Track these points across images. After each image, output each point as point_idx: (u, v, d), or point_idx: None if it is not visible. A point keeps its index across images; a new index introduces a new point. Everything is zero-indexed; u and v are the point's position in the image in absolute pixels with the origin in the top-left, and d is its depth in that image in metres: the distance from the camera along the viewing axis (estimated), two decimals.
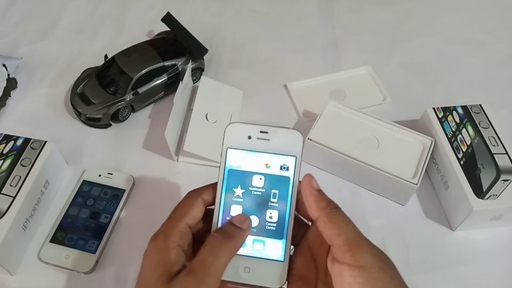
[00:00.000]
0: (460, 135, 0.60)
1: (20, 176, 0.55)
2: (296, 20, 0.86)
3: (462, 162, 0.57)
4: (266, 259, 0.36)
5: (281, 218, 0.36)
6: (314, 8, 0.89)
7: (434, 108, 0.63)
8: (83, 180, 0.60)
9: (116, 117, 0.67)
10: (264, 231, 0.37)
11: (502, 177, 0.56)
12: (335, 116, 0.65)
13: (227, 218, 0.37)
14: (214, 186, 0.38)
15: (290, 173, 0.37)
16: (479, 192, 0.55)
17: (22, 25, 0.84)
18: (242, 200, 0.37)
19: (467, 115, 0.62)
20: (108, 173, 0.61)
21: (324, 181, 0.62)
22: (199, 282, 0.33)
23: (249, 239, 0.36)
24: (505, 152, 0.58)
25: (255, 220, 0.37)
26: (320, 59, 0.79)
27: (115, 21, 0.85)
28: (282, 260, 0.36)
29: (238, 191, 0.37)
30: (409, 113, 0.68)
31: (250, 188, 0.37)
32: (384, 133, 0.63)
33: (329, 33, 0.84)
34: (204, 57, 0.74)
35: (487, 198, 0.54)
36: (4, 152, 0.57)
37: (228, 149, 0.38)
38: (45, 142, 0.58)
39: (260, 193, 0.37)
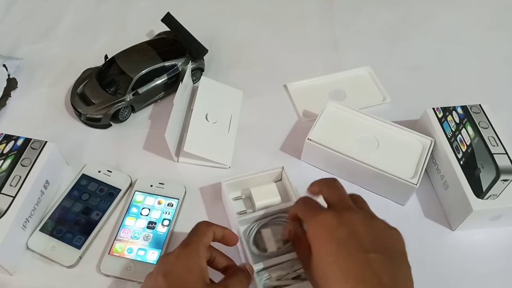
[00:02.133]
0: (459, 135, 0.60)
1: (20, 176, 0.55)
2: (296, 20, 0.86)
3: (461, 162, 0.57)
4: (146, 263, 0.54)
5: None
6: (314, 8, 0.89)
7: (433, 108, 0.63)
8: (82, 174, 0.61)
9: (116, 118, 0.67)
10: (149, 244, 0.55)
11: (502, 177, 0.56)
12: (335, 116, 0.65)
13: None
14: (224, 228, 0.48)
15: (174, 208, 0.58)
16: (479, 192, 0.55)
17: (23, 25, 0.84)
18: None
19: (467, 115, 0.62)
20: (108, 170, 0.61)
21: None
22: None
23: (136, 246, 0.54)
24: (504, 152, 0.58)
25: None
26: (320, 59, 0.79)
27: (115, 22, 0.85)
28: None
29: None
30: (408, 113, 0.68)
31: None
32: (384, 133, 0.63)
33: (329, 33, 0.84)
34: (204, 57, 0.74)
35: (487, 198, 0.54)
36: (4, 152, 0.57)
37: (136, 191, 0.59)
38: (45, 142, 0.58)
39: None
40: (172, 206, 0.58)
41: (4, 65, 0.72)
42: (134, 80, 0.66)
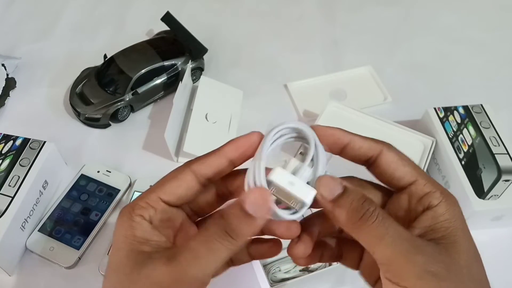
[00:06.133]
0: (461, 135, 0.60)
1: (18, 176, 0.54)
2: (296, 20, 0.86)
3: (463, 162, 0.57)
4: None
5: None
6: (314, 7, 0.88)
7: (435, 108, 0.63)
8: (81, 174, 0.60)
9: (116, 117, 0.67)
10: None
11: (503, 177, 0.56)
12: (335, 116, 0.64)
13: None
14: (217, 154, 0.30)
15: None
16: (480, 193, 0.54)
17: (21, 24, 0.84)
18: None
19: (468, 115, 0.62)
20: (107, 171, 0.61)
21: None
22: (181, 274, 0.26)
23: None
24: (506, 152, 0.58)
25: None
26: (320, 58, 0.79)
27: (114, 21, 0.85)
28: None
29: None
30: (410, 113, 0.68)
31: None
32: (385, 133, 0.63)
33: (329, 33, 0.84)
34: (204, 56, 0.74)
35: (488, 199, 0.54)
36: (3, 152, 0.57)
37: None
38: (44, 142, 0.58)
39: None
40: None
41: (2, 65, 0.71)
42: (133, 79, 0.66)
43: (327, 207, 0.29)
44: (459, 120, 0.62)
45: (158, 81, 0.69)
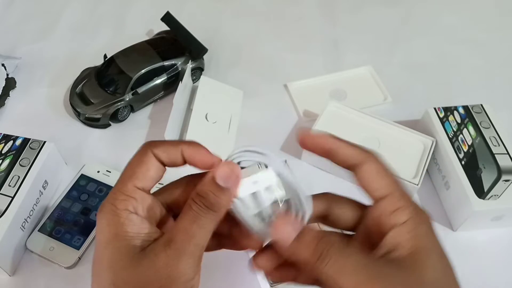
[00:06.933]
0: (461, 135, 0.60)
1: (18, 176, 0.54)
2: (296, 20, 0.86)
3: (463, 162, 0.57)
4: None
5: None
6: (314, 7, 0.88)
7: (435, 108, 0.63)
8: (81, 174, 0.60)
9: (116, 117, 0.67)
10: None
11: (503, 177, 0.55)
12: (335, 116, 0.64)
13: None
14: (177, 150, 0.33)
15: None
16: (480, 193, 0.54)
17: (21, 24, 0.84)
18: None
19: (468, 115, 0.62)
20: (107, 171, 0.61)
21: (325, 181, 0.62)
22: (181, 253, 0.29)
23: None
24: (506, 152, 0.58)
25: None
26: (320, 58, 0.79)
27: (114, 21, 0.85)
28: None
29: None
30: (410, 113, 0.68)
31: None
32: (385, 133, 0.63)
33: (329, 33, 0.84)
34: (204, 56, 0.74)
35: (488, 199, 0.54)
36: (3, 152, 0.57)
37: None
38: (44, 142, 0.58)
39: None
40: None
41: (2, 65, 0.71)
42: (133, 79, 0.66)
43: (285, 252, 0.30)
44: (459, 120, 0.61)
45: (158, 81, 0.69)
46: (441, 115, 0.62)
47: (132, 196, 0.30)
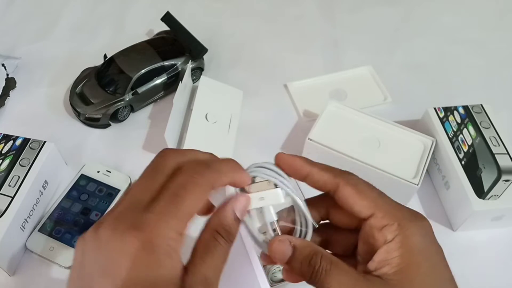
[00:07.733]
0: (461, 135, 0.60)
1: (18, 176, 0.54)
2: (296, 20, 0.86)
3: (463, 162, 0.57)
4: None
5: None
6: (314, 7, 0.88)
7: (435, 108, 0.63)
8: (81, 174, 0.60)
9: (116, 117, 0.67)
10: None
11: (503, 177, 0.56)
12: (335, 116, 0.64)
13: None
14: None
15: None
16: (480, 193, 0.54)
17: (21, 24, 0.84)
18: None
19: (468, 115, 0.62)
20: (107, 171, 0.61)
21: None
22: (200, 278, 0.28)
23: None
24: (506, 152, 0.58)
25: None
26: (320, 58, 0.79)
27: (114, 21, 0.85)
28: None
29: None
30: (410, 113, 0.68)
31: None
32: (385, 133, 0.63)
33: (329, 33, 0.84)
34: (204, 56, 0.74)
35: (488, 199, 0.54)
36: (3, 152, 0.57)
37: None
38: (44, 142, 0.58)
39: None
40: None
41: (2, 65, 0.71)
42: (133, 79, 0.66)
43: (284, 267, 0.33)
44: (459, 120, 0.61)
45: (158, 81, 0.69)
46: (441, 115, 0.62)
47: (182, 236, 0.26)
